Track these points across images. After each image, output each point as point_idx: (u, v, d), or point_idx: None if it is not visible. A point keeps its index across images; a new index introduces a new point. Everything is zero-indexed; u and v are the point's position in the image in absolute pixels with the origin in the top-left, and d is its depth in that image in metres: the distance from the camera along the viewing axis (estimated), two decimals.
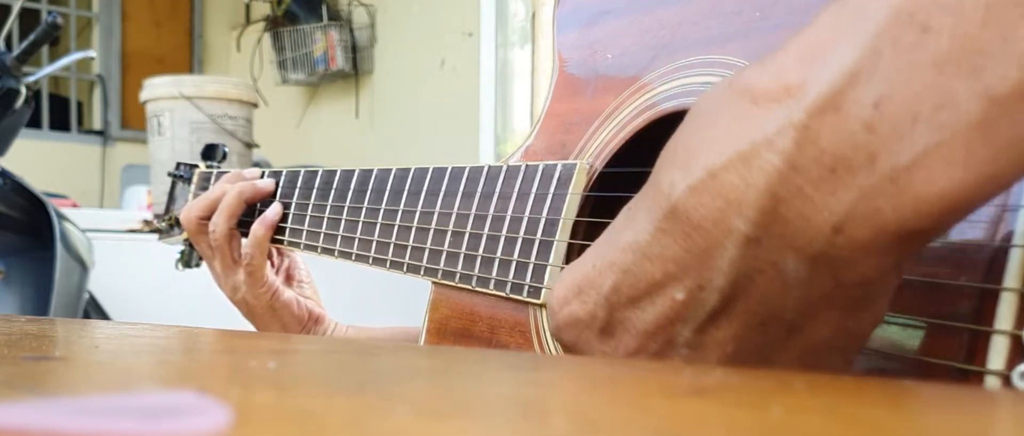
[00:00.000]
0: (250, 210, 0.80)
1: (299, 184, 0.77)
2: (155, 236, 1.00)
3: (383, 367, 0.30)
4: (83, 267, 1.76)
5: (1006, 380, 0.31)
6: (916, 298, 0.35)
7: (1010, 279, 0.32)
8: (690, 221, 0.29)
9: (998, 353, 0.32)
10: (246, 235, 0.79)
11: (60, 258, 1.63)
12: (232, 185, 0.80)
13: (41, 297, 1.62)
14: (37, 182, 1.81)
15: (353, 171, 0.72)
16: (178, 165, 0.95)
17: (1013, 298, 0.32)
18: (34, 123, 3.69)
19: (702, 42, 0.49)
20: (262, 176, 0.81)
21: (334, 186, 0.73)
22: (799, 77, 0.27)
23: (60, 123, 4.00)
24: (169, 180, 0.95)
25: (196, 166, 0.93)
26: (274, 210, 0.77)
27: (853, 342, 0.31)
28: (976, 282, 0.33)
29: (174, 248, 0.93)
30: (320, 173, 0.75)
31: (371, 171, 0.69)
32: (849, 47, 0.26)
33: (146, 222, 2.37)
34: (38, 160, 3.37)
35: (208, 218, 0.80)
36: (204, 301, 1.08)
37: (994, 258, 0.32)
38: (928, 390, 0.26)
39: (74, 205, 2.79)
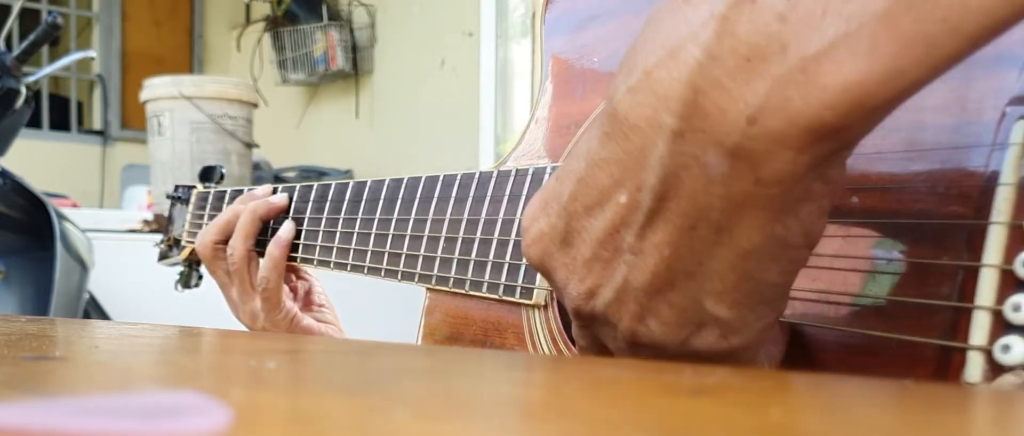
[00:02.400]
0: (263, 229, 0.78)
1: (312, 198, 0.76)
2: (155, 236, 1.00)
3: (383, 367, 0.30)
4: (83, 267, 1.77)
5: (988, 355, 0.32)
6: (899, 278, 0.35)
7: (989, 255, 0.32)
8: (627, 121, 0.30)
9: (980, 329, 0.32)
10: (263, 255, 0.76)
11: (60, 258, 1.63)
12: (245, 205, 0.77)
13: (41, 297, 1.62)
14: (37, 182, 1.81)
15: (347, 184, 0.72)
16: (176, 187, 0.95)
17: (993, 274, 0.32)
18: (34, 123, 3.69)
19: None
20: (274, 192, 0.79)
21: (329, 199, 0.73)
22: None
23: (60, 123, 4.00)
24: (168, 181, 0.95)
25: (194, 187, 0.93)
26: (287, 229, 0.74)
27: (785, 253, 0.31)
28: (957, 260, 0.33)
29: (174, 269, 0.94)
30: (315, 187, 0.75)
31: (364, 183, 0.70)
32: None
33: (146, 222, 2.37)
34: (38, 160, 3.37)
35: (224, 242, 0.77)
36: (204, 301, 1.08)
37: (973, 236, 0.33)
38: (928, 390, 0.26)
39: (74, 205, 2.79)
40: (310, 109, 3.71)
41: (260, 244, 0.77)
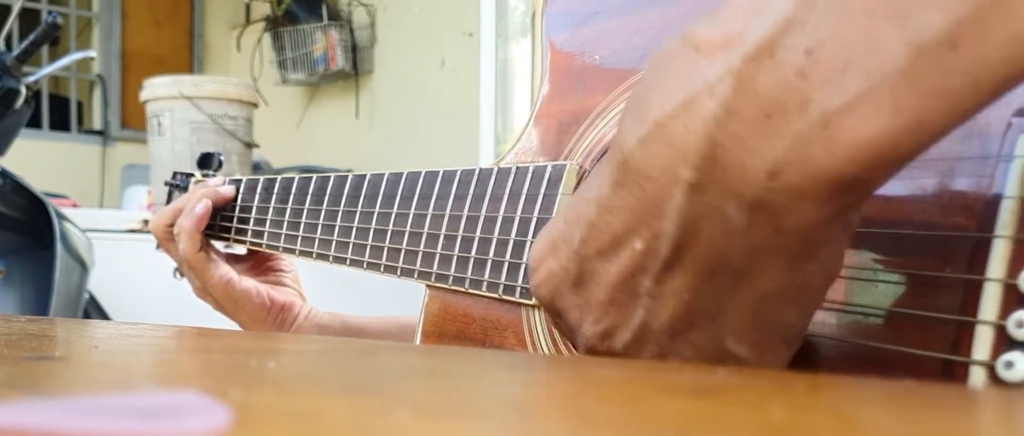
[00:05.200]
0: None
1: (293, 190, 0.78)
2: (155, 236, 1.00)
3: (383, 367, 0.30)
4: (83, 267, 1.76)
5: (991, 370, 0.31)
6: (901, 290, 0.35)
7: (993, 269, 0.32)
8: (641, 172, 0.30)
9: (983, 343, 0.32)
10: (223, 239, 0.85)
11: (60, 258, 1.63)
12: (196, 193, 0.85)
13: (41, 297, 1.62)
14: (37, 182, 1.81)
15: (346, 176, 0.72)
16: (174, 174, 0.96)
17: (996, 288, 0.32)
18: (34, 123, 3.69)
19: None
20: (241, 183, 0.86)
21: (328, 192, 0.73)
22: (740, 26, 0.28)
23: (60, 123, 4.00)
24: (166, 190, 0.96)
25: (192, 175, 0.94)
26: (203, 205, 0.82)
27: (804, 295, 0.31)
28: (960, 273, 0.33)
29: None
30: (314, 179, 0.76)
31: (364, 176, 0.70)
32: None
33: (146, 222, 2.37)
34: (38, 160, 3.37)
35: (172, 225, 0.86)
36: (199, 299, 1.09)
37: (977, 249, 0.33)
38: (928, 391, 0.26)
39: (74, 205, 2.79)
40: (310, 109, 3.70)
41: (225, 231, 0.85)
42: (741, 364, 0.32)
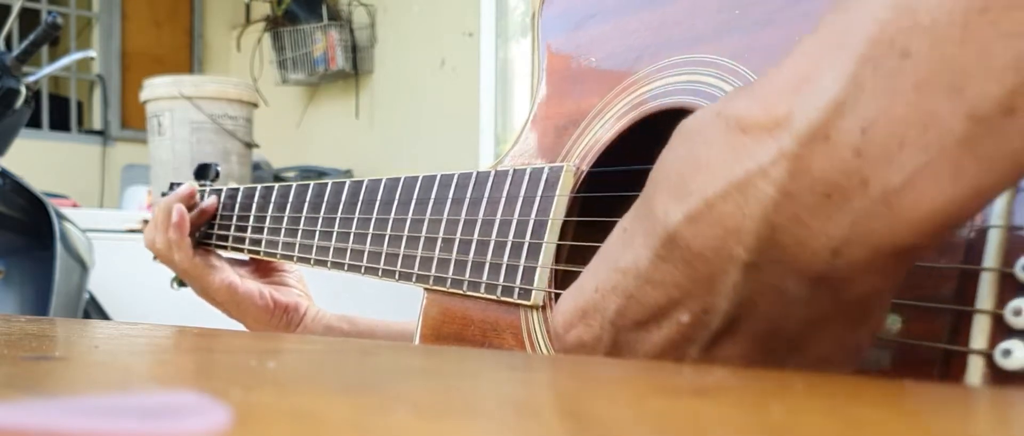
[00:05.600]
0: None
1: (291, 196, 0.79)
2: None
3: (383, 367, 0.30)
4: (83, 267, 1.76)
5: (988, 359, 0.32)
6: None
7: (989, 259, 0.32)
8: (690, 250, 0.30)
9: (980, 332, 0.32)
10: (224, 248, 0.85)
11: (60, 258, 1.63)
12: (163, 204, 0.87)
13: (41, 297, 1.62)
14: (37, 182, 1.81)
15: (343, 182, 0.73)
16: (171, 185, 0.96)
17: (993, 277, 0.32)
18: (34, 123, 3.69)
19: (685, 41, 0.50)
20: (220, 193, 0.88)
21: (325, 198, 0.74)
22: (787, 108, 0.28)
23: (60, 123, 3.99)
24: (168, 181, 0.96)
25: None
26: (176, 210, 0.84)
27: (853, 354, 0.32)
28: (957, 263, 0.33)
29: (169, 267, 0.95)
30: (312, 185, 0.77)
31: (361, 182, 0.70)
32: (832, 77, 0.27)
33: (145, 222, 2.37)
34: (38, 160, 3.37)
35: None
36: (204, 301, 1.09)
37: (973, 239, 0.33)
38: (928, 390, 0.26)
39: (74, 205, 2.79)
40: (310, 109, 3.70)
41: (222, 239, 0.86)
42: None
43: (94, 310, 2.01)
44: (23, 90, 1.57)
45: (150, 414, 0.18)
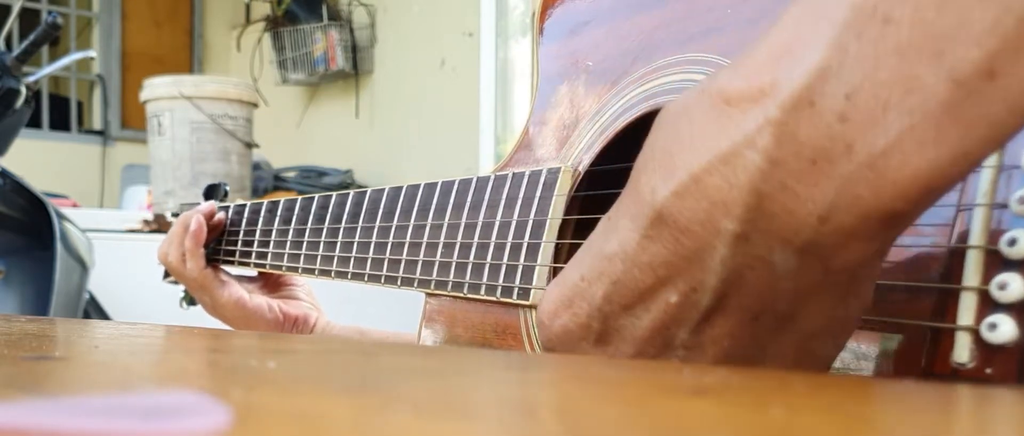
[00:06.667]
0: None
1: (296, 210, 0.80)
2: (156, 236, 1.01)
3: (383, 367, 0.30)
4: (83, 267, 1.76)
5: (975, 334, 0.33)
6: (888, 263, 0.36)
7: (975, 237, 0.33)
8: (677, 225, 0.30)
9: (967, 309, 0.33)
10: (230, 263, 0.87)
11: (60, 258, 1.63)
12: (182, 216, 0.88)
13: (41, 297, 1.62)
14: (37, 182, 1.81)
15: (347, 194, 0.74)
16: (181, 206, 0.98)
17: (978, 255, 0.33)
18: (34, 123, 3.69)
19: (679, 42, 0.50)
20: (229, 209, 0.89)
21: (329, 210, 0.75)
22: (771, 77, 0.28)
23: (60, 123, 4.00)
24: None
25: (197, 205, 0.95)
26: (195, 221, 0.85)
27: (843, 327, 0.32)
28: (944, 243, 0.34)
29: (179, 288, 0.96)
30: (315, 198, 0.78)
31: (364, 192, 0.71)
32: (816, 45, 0.27)
33: (146, 222, 2.37)
34: (38, 160, 3.37)
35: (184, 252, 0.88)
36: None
37: (958, 219, 0.34)
38: (928, 390, 0.26)
39: (74, 205, 2.79)
40: (310, 109, 3.70)
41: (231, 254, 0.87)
42: None
43: (94, 310, 2.01)
44: (23, 90, 1.57)
45: (150, 414, 0.18)
